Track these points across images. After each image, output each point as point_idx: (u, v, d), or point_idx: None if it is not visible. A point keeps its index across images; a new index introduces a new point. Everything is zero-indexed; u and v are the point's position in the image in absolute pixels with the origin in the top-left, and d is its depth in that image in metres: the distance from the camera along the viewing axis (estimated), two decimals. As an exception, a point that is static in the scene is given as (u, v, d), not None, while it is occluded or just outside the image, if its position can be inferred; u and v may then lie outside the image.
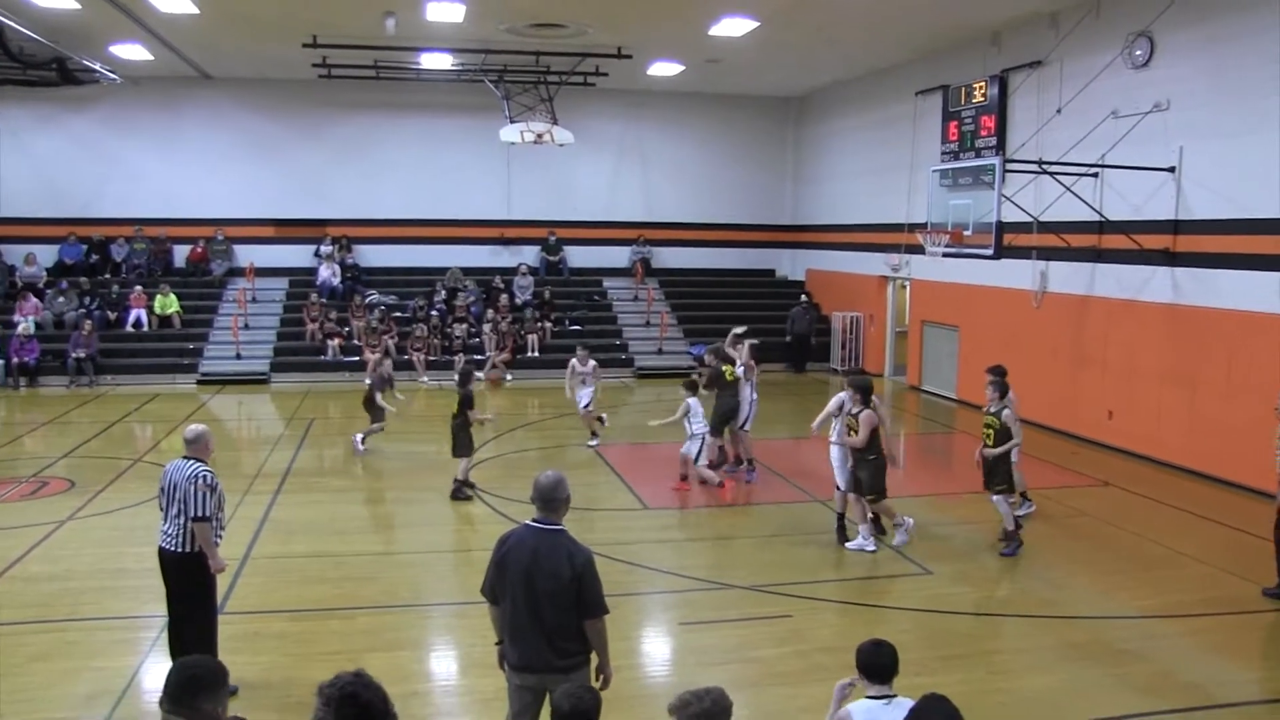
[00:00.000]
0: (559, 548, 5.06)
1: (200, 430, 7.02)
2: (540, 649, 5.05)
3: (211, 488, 6.77)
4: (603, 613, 5.09)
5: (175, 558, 6.81)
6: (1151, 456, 14.46)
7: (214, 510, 6.80)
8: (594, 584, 5.05)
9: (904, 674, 4.63)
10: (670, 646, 8.31)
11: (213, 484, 6.79)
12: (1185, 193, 13.99)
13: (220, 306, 23.74)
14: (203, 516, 6.71)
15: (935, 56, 19.88)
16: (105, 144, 24.20)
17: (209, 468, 6.88)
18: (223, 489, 6.98)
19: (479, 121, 24.03)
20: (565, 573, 4.98)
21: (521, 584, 5.05)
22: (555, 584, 4.98)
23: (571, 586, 4.98)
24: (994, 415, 10.30)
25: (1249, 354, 12.94)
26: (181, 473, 6.79)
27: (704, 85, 24.98)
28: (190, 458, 6.88)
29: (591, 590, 5.03)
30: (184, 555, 6.79)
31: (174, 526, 6.79)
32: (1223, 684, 7.45)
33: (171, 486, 6.80)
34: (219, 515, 6.92)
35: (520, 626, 5.09)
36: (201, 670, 3.45)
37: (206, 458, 6.95)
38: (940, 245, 15.99)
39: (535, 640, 5.05)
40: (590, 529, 10.70)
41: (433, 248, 25.61)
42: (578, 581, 4.99)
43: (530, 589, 5.02)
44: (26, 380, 20.55)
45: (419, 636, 8.29)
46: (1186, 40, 13.91)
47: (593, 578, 5.05)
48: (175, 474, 6.82)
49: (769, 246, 27.90)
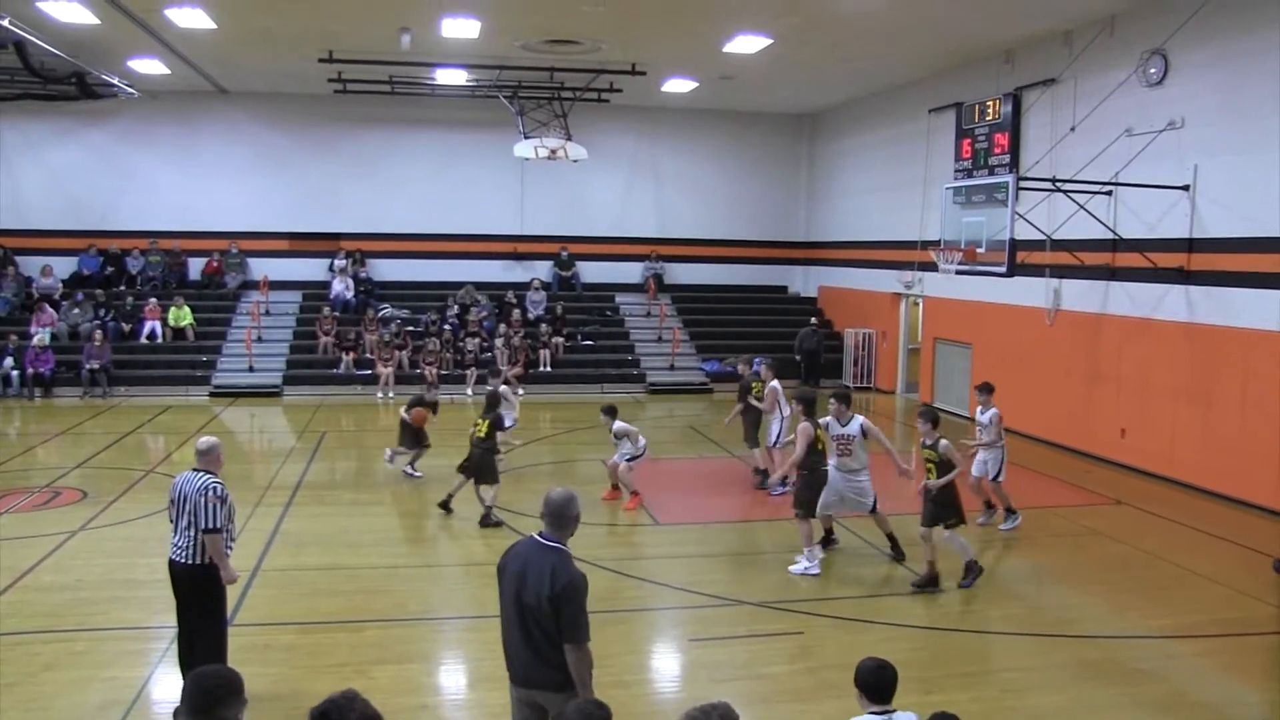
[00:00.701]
0: (549, 565, 4.95)
1: (212, 442, 7.04)
2: (530, 663, 5.00)
3: (222, 499, 6.78)
4: (582, 639, 4.90)
5: (185, 569, 6.82)
6: (1165, 475, 14.37)
7: (224, 522, 6.81)
8: (572, 608, 4.87)
9: (915, 692, 4.62)
10: (680, 663, 8.28)
11: (223, 496, 6.80)
12: (1200, 211, 13.95)
13: (234, 319, 23.86)
14: (213, 528, 6.72)
15: (949, 74, 19.91)
16: (122, 157, 24.41)
17: (219, 480, 6.88)
18: (233, 501, 6.99)
19: (493, 137, 24.15)
20: (545, 591, 4.88)
21: (511, 596, 5.02)
22: (536, 601, 4.90)
23: (549, 606, 4.87)
24: (930, 448, 9.78)
25: (1264, 373, 12.85)
26: (191, 485, 6.80)
27: (718, 102, 25.06)
28: (201, 470, 6.90)
29: (569, 614, 4.86)
30: (194, 567, 6.80)
31: (184, 538, 6.79)
32: (1236, 705, 7.39)
33: (182, 498, 6.81)
34: (229, 527, 6.94)
35: (511, 639, 5.07)
36: (220, 680, 3.47)
37: (217, 470, 6.97)
38: (953, 262, 15.95)
39: (525, 654, 5.00)
40: (600, 544, 10.69)
41: (446, 262, 25.71)
42: (555, 602, 4.86)
43: (518, 602, 4.98)
44: (41, 391, 20.68)
45: (428, 650, 8.28)
46: (1200, 58, 13.89)
47: (570, 602, 4.87)
48: (185, 486, 6.84)
49: (782, 263, 27.92)
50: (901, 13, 15.46)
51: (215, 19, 16.41)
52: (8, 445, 16.52)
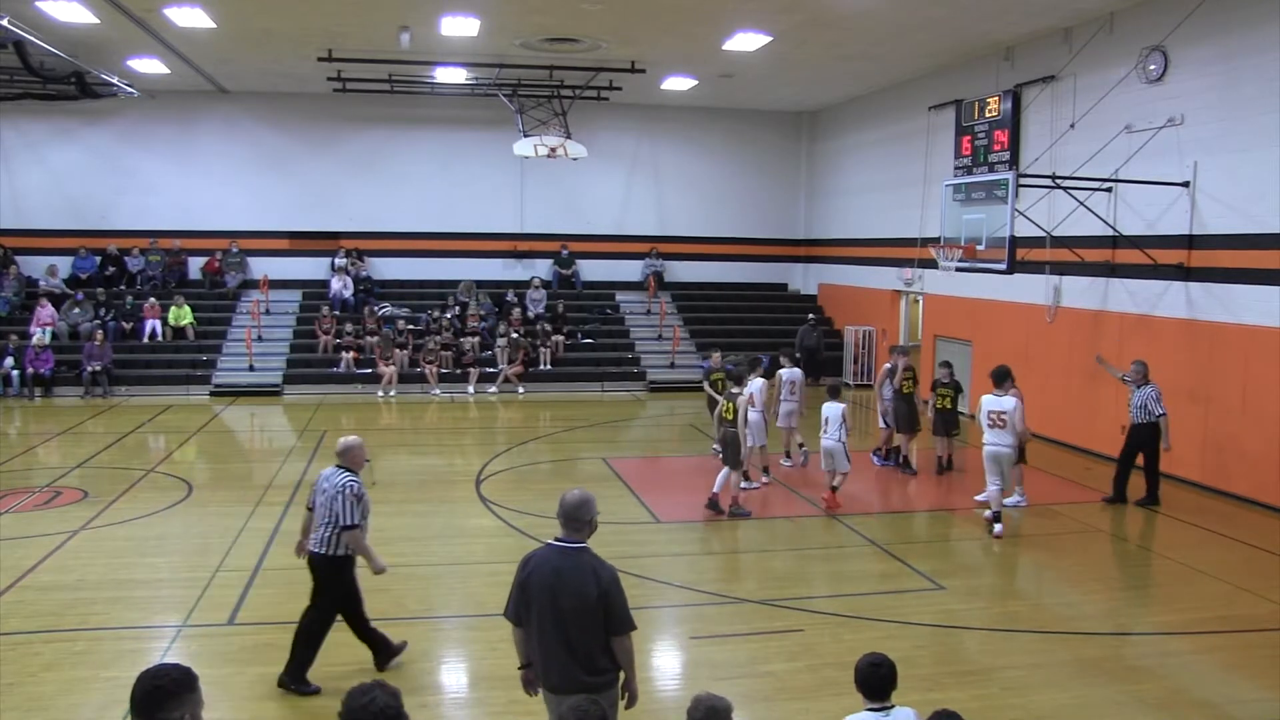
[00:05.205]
0: (583, 566, 5.02)
1: (350, 442, 7.43)
2: (571, 669, 5.00)
3: (358, 497, 7.19)
4: (630, 629, 5.06)
5: (321, 559, 7.29)
6: (1165, 472, 14.33)
7: (360, 518, 7.22)
8: (620, 601, 5.01)
9: (916, 690, 4.62)
10: (681, 660, 8.27)
11: (359, 494, 7.21)
12: (1200, 207, 13.94)
13: (234, 318, 23.86)
14: (351, 525, 7.16)
15: (948, 71, 19.89)
16: (122, 157, 24.42)
17: (357, 478, 7.27)
18: (369, 498, 7.39)
19: (492, 135, 24.15)
20: (591, 591, 4.94)
21: (548, 605, 5.00)
22: (580, 602, 4.94)
23: (598, 604, 4.94)
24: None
25: (1264, 369, 12.85)
26: (331, 482, 7.22)
27: (717, 100, 25.05)
28: (341, 468, 7.30)
29: (617, 607, 5.00)
30: (328, 558, 7.26)
31: (322, 532, 7.23)
32: (1237, 702, 7.38)
33: (322, 494, 7.23)
34: (364, 524, 7.32)
35: (549, 648, 5.04)
36: (159, 680, 3.35)
37: (357, 468, 7.36)
38: (953, 260, 15.95)
39: (565, 660, 5.00)
40: (601, 542, 10.64)
41: (446, 261, 25.72)
42: (604, 599, 4.95)
43: (556, 609, 4.98)
44: (41, 391, 20.68)
45: (429, 649, 8.27)
46: (1200, 55, 13.88)
47: (618, 594, 5.01)
48: (326, 482, 7.26)
49: (782, 260, 27.93)
50: (901, 10, 15.46)
51: (215, 18, 16.40)
52: (8, 445, 16.51)
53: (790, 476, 14.23)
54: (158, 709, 3.30)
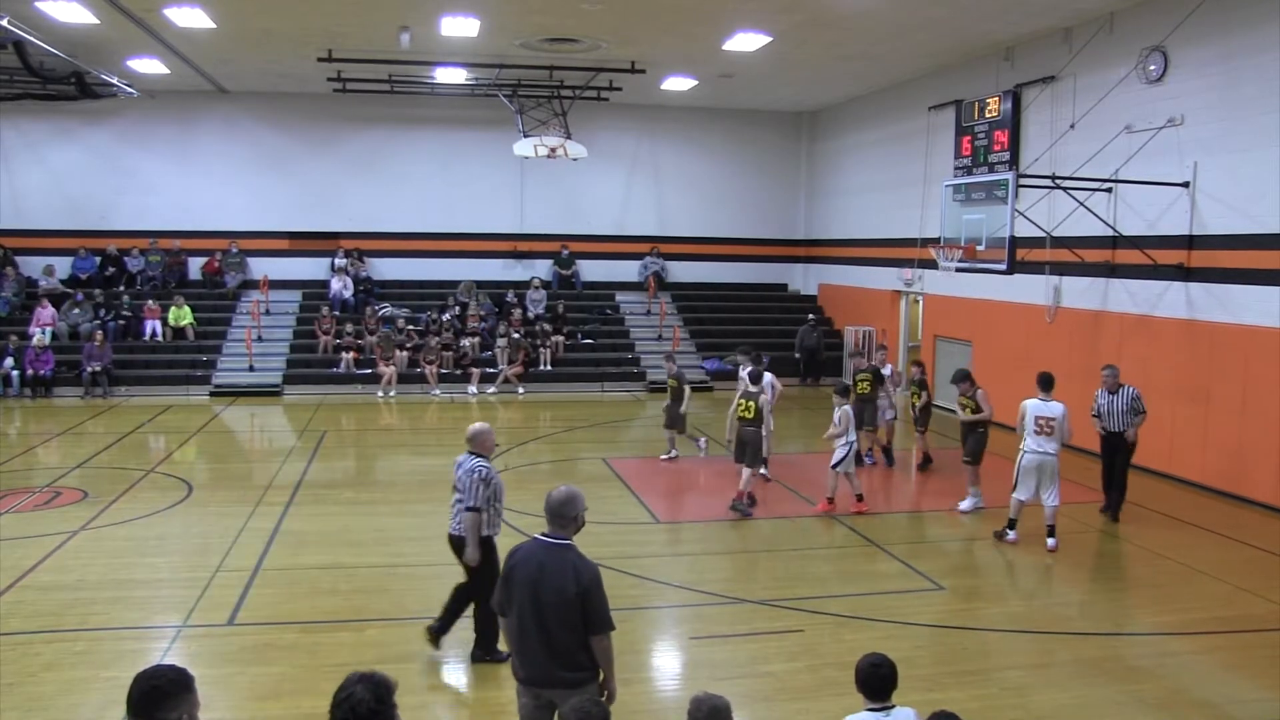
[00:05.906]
0: (565, 563, 5.04)
1: (479, 429, 7.73)
2: (546, 663, 5.03)
3: (486, 481, 7.51)
4: (609, 629, 5.05)
5: (457, 540, 7.70)
6: (1165, 472, 14.35)
7: (484, 502, 7.51)
8: (599, 601, 5.01)
9: (917, 690, 4.62)
10: (681, 661, 8.27)
11: (487, 478, 7.52)
12: (1200, 208, 13.94)
13: (234, 319, 23.86)
14: (473, 507, 7.49)
15: (948, 71, 19.89)
16: (121, 157, 24.42)
17: (487, 463, 7.58)
18: (500, 482, 7.69)
19: (492, 135, 24.16)
20: (570, 588, 4.96)
21: (528, 598, 5.04)
22: (560, 599, 4.96)
23: (576, 602, 4.96)
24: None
25: (1264, 369, 12.85)
26: (463, 466, 7.59)
27: (717, 100, 25.05)
28: (474, 453, 7.61)
29: (597, 607, 5.00)
30: (462, 538, 7.63)
31: (455, 512, 7.67)
32: (1237, 702, 7.38)
33: (457, 479, 7.60)
34: (496, 506, 7.65)
35: (527, 641, 5.08)
36: (156, 681, 3.39)
37: (488, 453, 7.67)
38: (953, 260, 15.96)
39: (541, 655, 5.03)
40: (601, 542, 10.67)
41: (446, 261, 25.72)
42: (583, 598, 4.96)
43: (536, 603, 5.01)
44: (41, 391, 20.68)
45: (429, 649, 8.26)
46: (1200, 55, 13.88)
47: (598, 594, 5.01)
48: (459, 469, 7.62)
49: (782, 261, 27.93)
50: (901, 10, 15.46)
51: (214, 18, 16.41)
52: (8, 445, 16.51)
53: (791, 477, 14.21)
54: (155, 709, 3.33)
